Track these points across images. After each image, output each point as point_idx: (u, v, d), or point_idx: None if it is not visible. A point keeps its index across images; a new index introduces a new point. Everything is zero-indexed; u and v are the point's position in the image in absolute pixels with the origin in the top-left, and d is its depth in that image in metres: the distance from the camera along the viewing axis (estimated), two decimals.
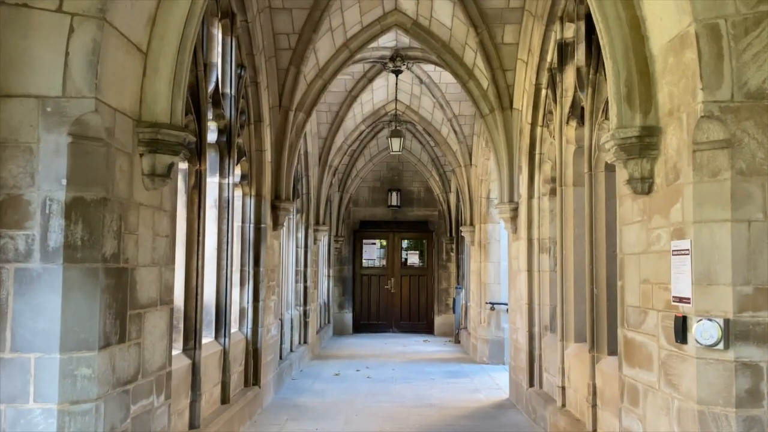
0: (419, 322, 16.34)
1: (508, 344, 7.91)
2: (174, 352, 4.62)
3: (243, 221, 6.84)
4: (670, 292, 3.23)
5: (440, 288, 16.29)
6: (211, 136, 5.78)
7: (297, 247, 10.83)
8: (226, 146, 5.90)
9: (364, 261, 16.63)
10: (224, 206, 5.92)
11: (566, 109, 5.82)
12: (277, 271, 7.84)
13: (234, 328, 6.68)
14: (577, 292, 5.75)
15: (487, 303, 10.79)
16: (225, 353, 5.84)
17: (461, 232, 14.45)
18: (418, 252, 16.89)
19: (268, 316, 7.33)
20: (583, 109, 5.52)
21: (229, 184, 5.94)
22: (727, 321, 2.87)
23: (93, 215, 2.98)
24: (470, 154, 11.38)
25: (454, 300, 14.57)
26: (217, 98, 5.67)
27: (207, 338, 5.75)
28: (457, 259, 15.40)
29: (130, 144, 3.34)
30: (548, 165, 6.64)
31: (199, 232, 5.03)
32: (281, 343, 8.93)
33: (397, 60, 9.44)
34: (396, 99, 10.84)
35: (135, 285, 3.40)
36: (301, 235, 10.95)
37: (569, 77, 5.85)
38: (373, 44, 8.87)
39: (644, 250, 3.55)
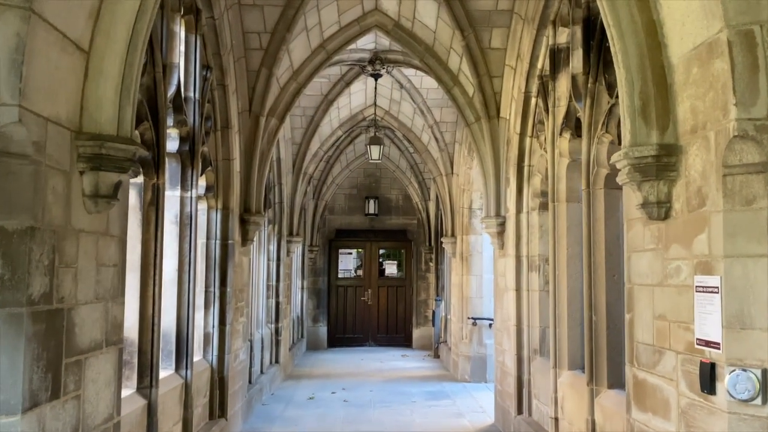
0: (397, 335, 15.93)
1: (494, 366, 7.56)
2: (126, 393, 4.13)
3: (208, 238, 6.35)
4: (692, 332, 2.88)
5: (419, 299, 15.92)
6: (172, 145, 5.29)
7: (268, 260, 10.34)
8: (189, 156, 5.41)
9: (339, 272, 16.16)
10: (187, 222, 5.43)
11: (559, 120, 5.49)
12: (247, 291, 7.35)
13: (198, 356, 6.18)
14: (572, 316, 5.42)
15: (469, 318, 10.44)
16: (187, 387, 5.34)
17: (442, 243, 14.12)
18: (396, 262, 16.49)
19: (235, 341, 6.84)
20: (578, 120, 5.19)
21: (192, 197, 5.45)
22: (765, 372, 2.52)
23: (16, 249, 2.50)
24: (452, 163, 11.04)
25: (433, 312, 14.21)
26: (178, 103, 5.19)
27: (166, 371, 5.25)
28: (436, 269, 15.05)
29: (68, 160, 2.86)
30: (538, 178, 6.31)
31: (156, 255, 4.54)
32: (251, 366, 8.43)
33: (376, 63, 9.04)
34: (375, 104, 10.44)
35: (73, 328, 2.91)
36: (273, 247, 10.46)
37: (562, 85, 5.52)
38: (352, 46, 8.46)
39: (659, 282, 3.20)
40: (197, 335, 6.24)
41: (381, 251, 16.37)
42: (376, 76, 9.36)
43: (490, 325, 10.40)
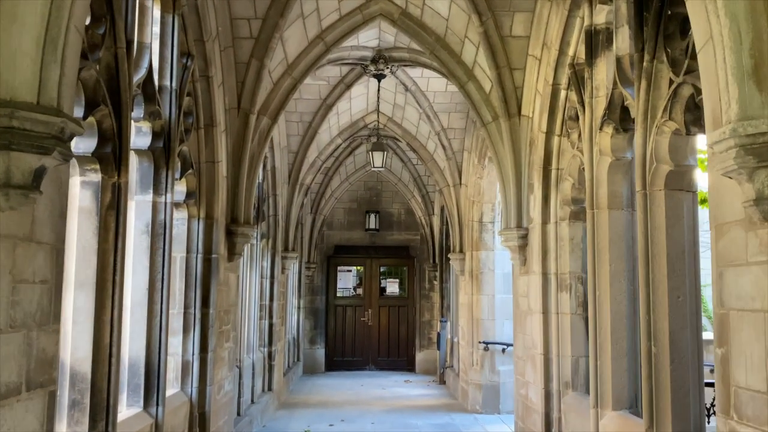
0: (399, 359, 14.99)
1: (514, 400, 6.67)
2: None
3: (188, 251, 5.50)
4: None
5: (422, 320, 15.01)
6: (142, 141, 4.48)
7: (261, 278, 9.47)
8: (163, 154, 4.59)
9: (338, 290, 15.28)
10: (160, 232, 4.59)
11: (599, 112, 4.69)
12: (234, 312, 6.48)
13: (174, 388, 5.30)
14: (616, 345, 4.56)
15: (480, 342, 9.55)
16: (157, 427, 4.45)
17: (449, 260, 13.26)
18: (398, 280, 15.62)
19: (219, 370, 5.95)
20: (626, 110, 4.39)
21: (166, 203, 4.62)
22: None
23: None
24: (460, 172, 10.24)
25: (438, 335, 13.30)
26: (150, 91, 4.38)
27: (132, 409, 4.38)
28: (441, 288, 14.16)
29: None
30: (568, 183, 5.49)
31: (116, 270, 3.69)
32: (239, 397, 7.52)
33: (379, 62, 8.28)
34: (378, 108, 9.67)
35: None
36: (266, 263, 9.61)
37: (601, 72, 4.73)
38: (353, 41, 7.71)
39: None
40: (173, 364, 5.37)
41: (382, 269, 15.51)
42: (380, 77, 8.59)
43: (504, 350, 9.53)
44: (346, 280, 15.43)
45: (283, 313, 10.96)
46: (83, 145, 3.58)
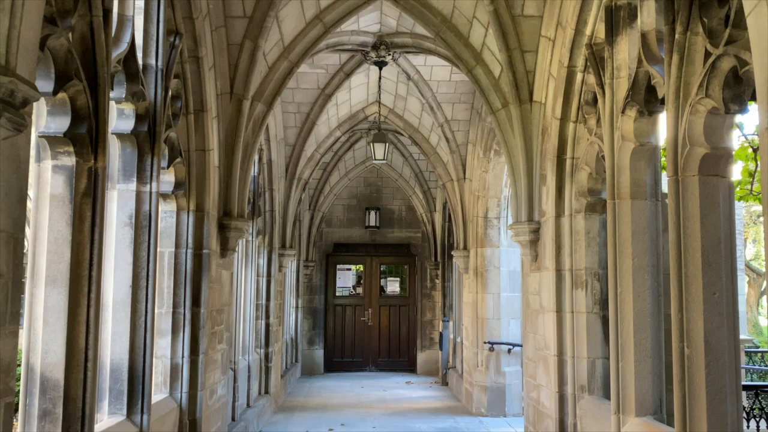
0: (400, 359, 14.65)
1: (525, 404, 6.33)
2: None
3: (177, 246, 5.16)
4: None
5: (424, 320, 14.67)
6: (125, 124, 4.14)
7: (258, 276, 9.13)
8: (147, 139, 4.24)
9: (337, 289, 14.93)
10: (144, 224, 4.25)
11: (620, 94, 4.35)
12: (228, 311, 6.13)
13: (162, 393, 4.96)
14: (639, 345, 4.23)
15: (485, 343, 9.22)
16: None
17: (452, 257, 12.93)
18: (398, 279, 15.28)
19: (212, 373, 5.60)
20: (651, 90, 4.06)
21: (151, 192, 4.27)
22: None
23: None
24: (464, 166, 9.90)
25: (440, 335, 12.96)
26: (133, 69, 4.04)
27: (114, 417, 4.05)
28: (443, 287, 13.83)
29: None
30: (585, 173, 5.15)
31: (92, 265, 3.34)
32: (234, 401, 7.18)
33: (380, 48, 7.93)
34: (379, 101, 9.32)
35: None
36: (263, 261, 9.26)
37: (623, 51, 4.39)
38: (353, 25, 7.37)
39: None
40: (161, 368, 5.03)
41: (382, 267, 15.16)
42: (381, 65, 8.25)
43: (510, 350, 9.20)
44: (346, 278, 15.09)
45: (281, 313, 10.62)
46: (55, 124, 3.24)
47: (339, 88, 9.09)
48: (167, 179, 5.00)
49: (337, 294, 14.89)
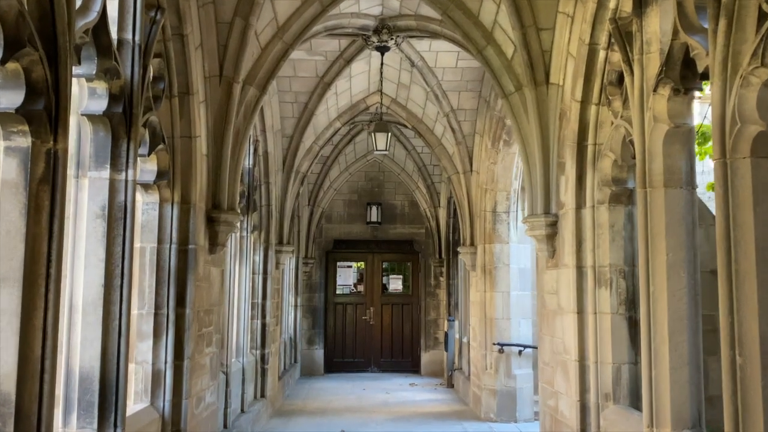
0: (403, 360, 14.23)
1: (540, 412, 5.90)
2: None
3: (160, 241, 4.72)
4: None
5: (428, 319, 14.24)
6: (96, 104, 3.70)
7: (253, 273, 8.70)
8: (123, 122, 3.80)
9: (338, 287, 14.51)
10: (119, 217, 3.81)
11: (652, 71, 3.90)
12: (218, 311, 5.70)
13: (141, 403, 4.53)
14: (675, 351, 3.80)
15: (494, 344, 8.78)
16: None
17: (457, 254, 12.49)
18: (401, 276, 14.85)
19: (199, 379, 5.18)
20: (688, 64, 3.61)
21: (127, 181, 3.83)
22: None
23: None
24: (471, 158, 9.45)
25: (446, 335, 12.53)
26: (104, 42, 3.60)
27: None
28: (447, 285, 13.39)
29: None
30: (608, 160, 4.71)
31: (50, 260, 2.91)
32: (225, 407, 6.75)
33: (383, 32, 7.48)
34: (381, 90, 8.86)
35: None
36: (258, 258, 8.83)
37: (653, 23, 3.93)
38: (353, 7, 6.93)
39: None
40: (142, 375, 4.61)
41: (384, 264, 14.73)
42: (383, 50, 7.80)
43: (520, 352, 8.78)
44: (346, 276, 14.67)
45: (278, 312, 10.20)
46: (6, 98, 2.80)
47: (339, 76, 8.65)
48: (149, 168, 4.57)
49: (338, 292, 14.47)
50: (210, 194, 5.25)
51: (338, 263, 14.51)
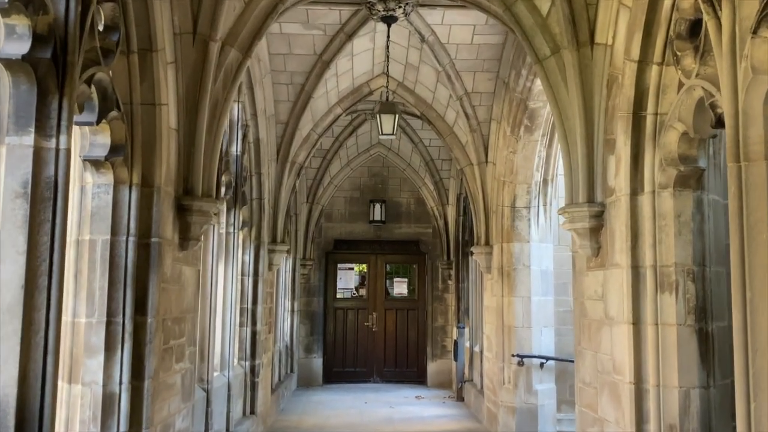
0: (408, 370, 13.30)
1: None
2: None
3: (115, 232, 3.82)
4: None
5: (435, 326, 13.32)
6: (14, 46, 2.82)
7: (242, 275, 7.80)
8: (52, 72, 2.90)
9: (338, 291, 13.60)
10: (46, 196, 2.91)
11: (748, 9, 2.99)
12: (192, 319, 4.79)
13: None
14: None
15: (513, 355, 7.86)
16: None
17: (468, 255, 11.60)
18: (406, 279, 13.94)
19: (166, 402, 4.26)
20: None
21: (58, 150, 2.93)
22: None
23: None
24: (486, 148, 8.54)
25: (455, 343, 11.61)
26: None
27: None
28: (457, 288, 12.49)
29: None
30: (675, 133, 3.80)
31: None
32: (206, 429, 5.83)
33: (389, 0, 6.59)
34: (387, 63, 7.93)
35: None
36: (248, 258, 7.93)
37: None
38: None
39: None
40: (89, 399, 3.70)
41: (388, 266, 13.82)
42: (389, 21, 6.90)
43: (542, 364, 7.86)
44: (348, 279, 13.76)
45: (271, 319, 9.29)
46: None
47: (339, 53, 7.76)
48: (99, 141, 3.68)
49: (338, 296, 13.56)
50: (180, 177, 4.35)
51: (339, 265, 13.61)
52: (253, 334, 7.95)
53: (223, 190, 6.73)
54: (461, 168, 9.00)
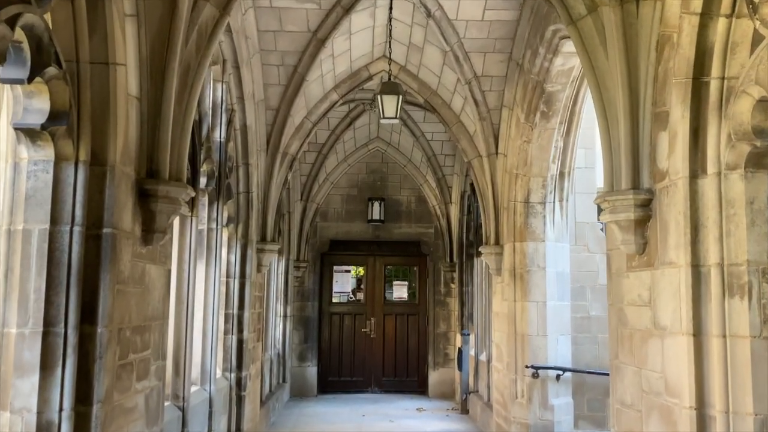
0: (408, 379, 12.57)
1: None
2: None
3: (55, 221, 3.11)
4: None
5: (437, 332, 12.60)
6: None
7: (227, 277, 7.09)
8: None
9: (334, 295, 12.88)
10: None
11: None
12: (160, 328, 4.06)
13: None
14: None
15: (528, 366, 7.16)
16: None
17: (472, 256, 10.91)
18: (406, 282, 13.24)
19: (124, 431, 3.53)
20: None
21: None
22: None
23: None
24: (496, 138, 7.86)
25: (459, 351, 10.90)
26: None
27: None
28: (460, 292, 11.79)
29: None
30: (748, 101, 3.12)
31: None
32: None
33: None
34: (389, 53, 7.24)
35: None
36: (234, 257, 7.21)
37: None
38: None
39: None
40: (22, 429, 2.97)
41: (387, 269, 13.12)
42: None
43: (559, 376, 7.17)
44: (344, 282, 13.04)
45: (261, 325, 8.57)
46: None
47: (336, 31, 7.06)
48: (35, 105, 2.98)
49: (334, 300, 12.84)
50: (143, 156, 3.64)
51: (335, 267, 12.89)
52: (240, 342, 7.22)
53: (204, 180, 6.03)
54: (468, 161, 8.30)
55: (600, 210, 4.04)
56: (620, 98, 3.78)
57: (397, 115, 6.74)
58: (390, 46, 7.40)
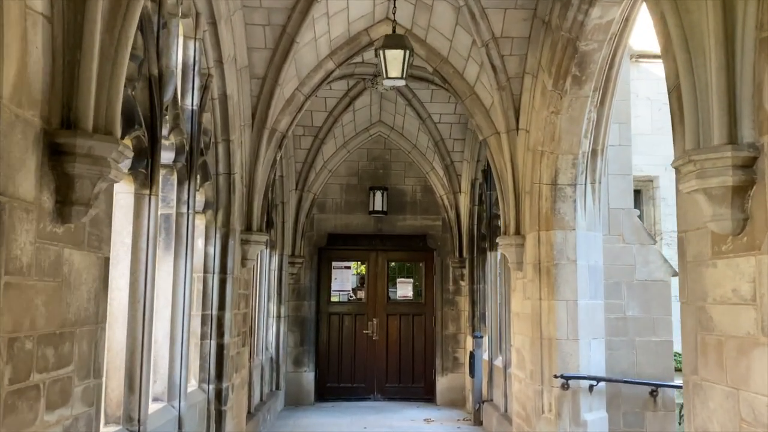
0: (414, 386, 11.61)
1: None
2: None
3: None
4: None
5: (445, 334, 11.64)
6: None
7: (204, 272, 6.14)
8: None
9: (333, 294, 11.93)
10: None
11: None
12: (90, 336, 3.09)
13: None
14: None
15: (556, 377, 6.19)
16: None
17: (485, 250, 9.95)
18: (411, 280, 12.26)
19: None
20: None
21: None
22: None
23: None
24: (517, 111, 6.88)
25: (471, 355, 9.93)
26: None
27: None
28: (471, 290, 10.83)
29: None
30: None
31: None
32: None
33: None
34: (393, 11, 6.26)
35: None
36: (213, 249, 6.26)
37: None
38: None
39: None
40: None
41: (391, 264, 12.16)
42: None
43: (592, 387, 6.20)
44: (344, 279, 12.08)
45: (247, 327, 7.60)
46: None
47: None
48: None
49: (333, 299, 11.88)
50: (56, 99, 2.66)
51: (333, 263, 11.93)
52: (220, 347, 6.26)
53: (171, 155, 5.10)
54: (484, 138, 7.33)
55: (678, 176, 3.05)
56: (708, 20, 2.80)
57: (404, 75, 5.75)
58: (394, 4, 6.43)
